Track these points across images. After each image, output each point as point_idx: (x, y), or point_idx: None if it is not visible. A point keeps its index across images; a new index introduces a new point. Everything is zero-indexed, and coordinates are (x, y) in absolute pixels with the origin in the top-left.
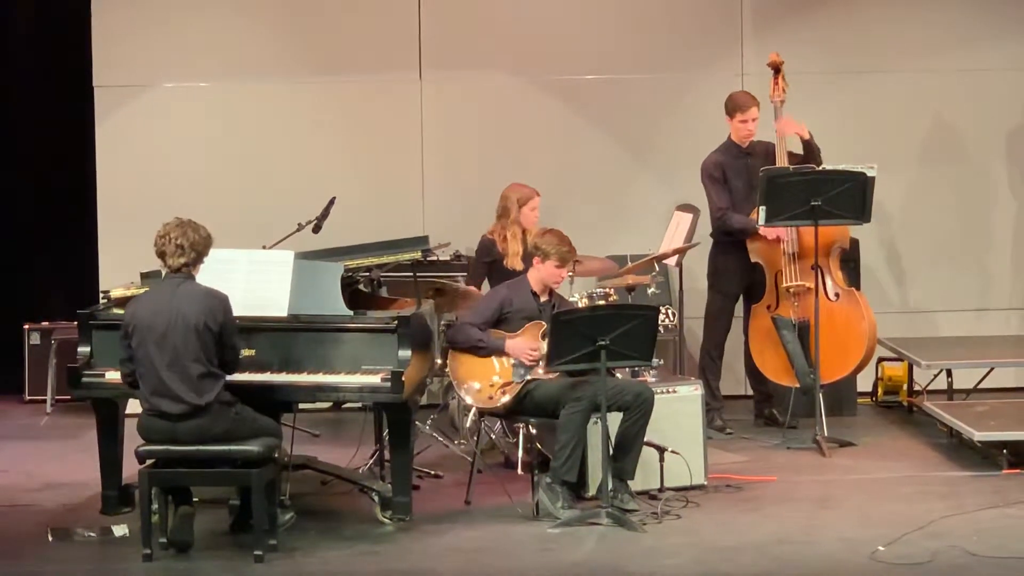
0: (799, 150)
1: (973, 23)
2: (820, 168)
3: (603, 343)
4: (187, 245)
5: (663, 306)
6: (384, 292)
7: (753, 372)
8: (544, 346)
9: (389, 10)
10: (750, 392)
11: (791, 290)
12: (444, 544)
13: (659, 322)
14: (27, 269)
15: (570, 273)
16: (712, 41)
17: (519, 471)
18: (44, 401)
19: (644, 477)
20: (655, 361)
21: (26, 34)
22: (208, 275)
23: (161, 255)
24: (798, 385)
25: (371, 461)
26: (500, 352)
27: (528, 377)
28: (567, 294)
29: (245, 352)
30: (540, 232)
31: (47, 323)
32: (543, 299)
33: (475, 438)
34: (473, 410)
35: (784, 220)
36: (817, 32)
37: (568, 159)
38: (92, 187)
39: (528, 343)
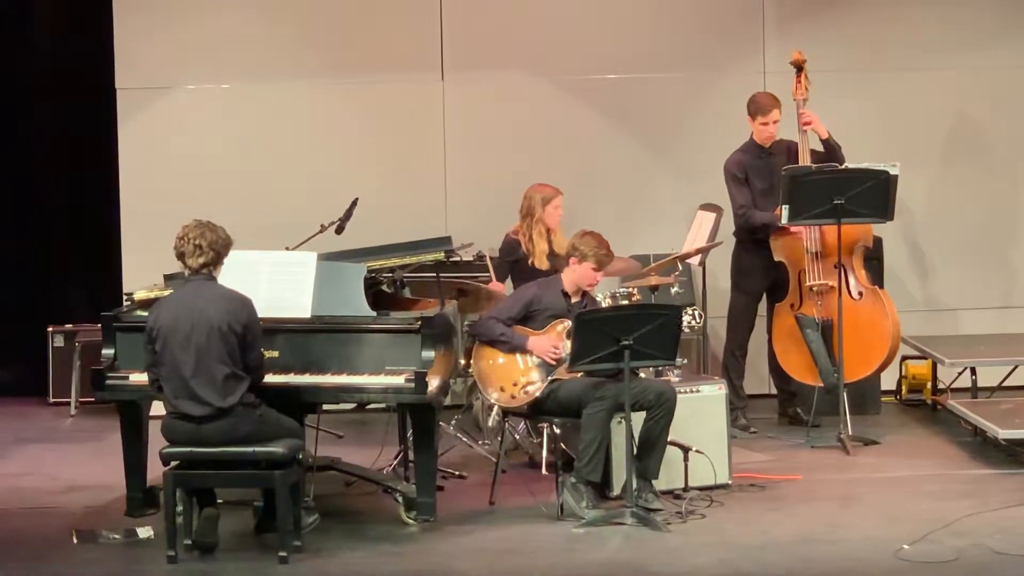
0: (820, 147)
1: (995, 20)
2: (843, 167)
3: (626, 343)
4: (206, 245)
5: (690, 308)
6: (407, 293)
7: (777, 371)
8: (567, 345)
9: (411, 11)
10: (774, 391)
11: (815, 289)
12: (469, 545)
13: (685, 323)
14: (51, 271)
15: None
16: (734, 40)
17: (543, 471)
18: (68, 403)
19: (668, 476)
20: (678, 361)
21: (48, 36)
22: (231, 277)
23: (180, 256)
24: (822, 384)
25: (395, 462)
26: (522, 349)
27: (551, 377)
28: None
29: (269, 354)
30: (580, 234)
31: (71, 325)
32: (574, 300)
33: (499, 438)
34: (497, 410)
35: (807, 219)
36: (839, 30)
37: (590, 159)
38: (115, 189)
39: (551, 341)
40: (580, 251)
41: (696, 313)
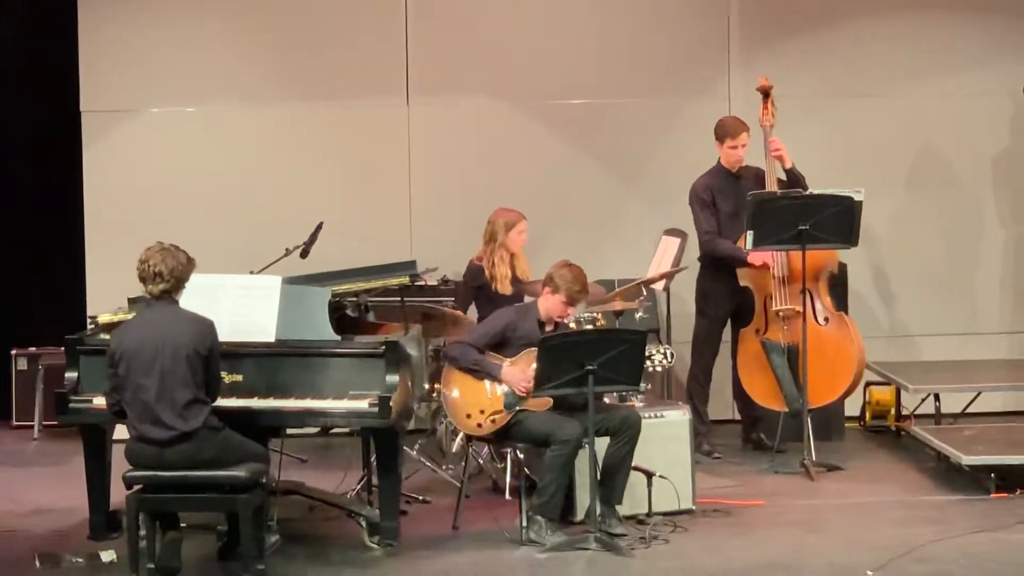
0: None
1: (959, 48)
2: (808, 192)
3: (591, 368)
4: (166, 272)
5: (664, 347)
6: (371, 317)
7: (741, 396)
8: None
9: (376, 35)
10: (738, 417)
11: (781, 314)
12: (432, 569)
13: (657, 362)
14: (14, 294)
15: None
16: (699, 66)
17: (507, 496)
18: (31, 427)
19: (632, 502)
20: (643, 386)
21: (12, 59)
22: (195, 300)
23: (142, 281)
24: (787, 409)
25: (359, 486)
26: (494, 378)
27: (519, 408)
28: None
29: (233, 377)
30: (560, 264)
31: (34, 348)
32: (548, 329)
33: (463, 463)
34: (461, 435)
35: (772, 244)
36: (804, 57)
37: (556, 184)
38: (79, 212)
39: (523, 374)
40: (555, 282)
41: (668, 352)
